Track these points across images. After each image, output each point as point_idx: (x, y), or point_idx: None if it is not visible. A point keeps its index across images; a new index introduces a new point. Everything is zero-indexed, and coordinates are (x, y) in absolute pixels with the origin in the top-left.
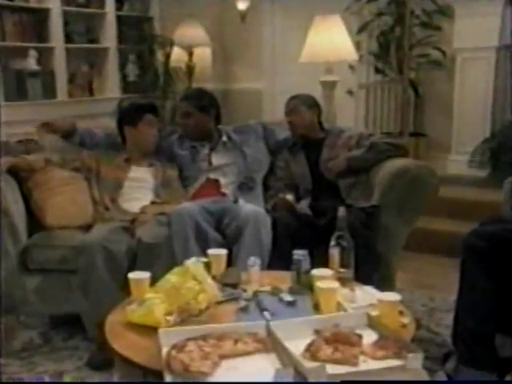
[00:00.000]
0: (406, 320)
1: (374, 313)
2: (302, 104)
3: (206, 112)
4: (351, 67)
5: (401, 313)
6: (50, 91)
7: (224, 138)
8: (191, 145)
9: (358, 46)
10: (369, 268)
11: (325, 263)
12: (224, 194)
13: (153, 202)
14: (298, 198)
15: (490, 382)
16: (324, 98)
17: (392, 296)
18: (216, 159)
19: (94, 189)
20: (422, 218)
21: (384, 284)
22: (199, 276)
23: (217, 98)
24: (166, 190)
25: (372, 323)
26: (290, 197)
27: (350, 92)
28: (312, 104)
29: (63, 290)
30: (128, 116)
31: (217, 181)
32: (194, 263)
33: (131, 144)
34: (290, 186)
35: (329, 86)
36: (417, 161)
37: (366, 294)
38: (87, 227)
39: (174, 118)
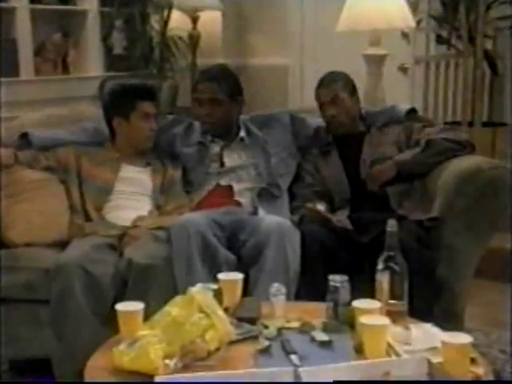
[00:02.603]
0: (479, 370)
1: (437, 359)
2: (343, 90)
3: (235, 100)
4: (405, 36)
5: (473, 360)
6: (10, 66)
7: (242, 133)
8: (198, 140)
9: (414, 7)
10: (428, 299)
11: (370, 292)
12: (238, 203)
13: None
14: (333, 210)
15: (490, 382)
16: (369, 77)
17: (460, 337)
18: (229, 159)
19: (73, 194)
20: (498, 235)
21: (449, 321)
22: (207, 308)
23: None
24: (166, 195)
25: (434, 372)
26: (320, 207)
27: (403, 69)
28: (353, 89)
29: (29, 326)
30: (116, 104)
31: (229, 187)
32: (200, 291)
33: (122, 139)
34: (320, 194)
35: (375, 62)
36: (492, 159)
37: (425, 334)
38: (61, 244)
39: (174, 102)
